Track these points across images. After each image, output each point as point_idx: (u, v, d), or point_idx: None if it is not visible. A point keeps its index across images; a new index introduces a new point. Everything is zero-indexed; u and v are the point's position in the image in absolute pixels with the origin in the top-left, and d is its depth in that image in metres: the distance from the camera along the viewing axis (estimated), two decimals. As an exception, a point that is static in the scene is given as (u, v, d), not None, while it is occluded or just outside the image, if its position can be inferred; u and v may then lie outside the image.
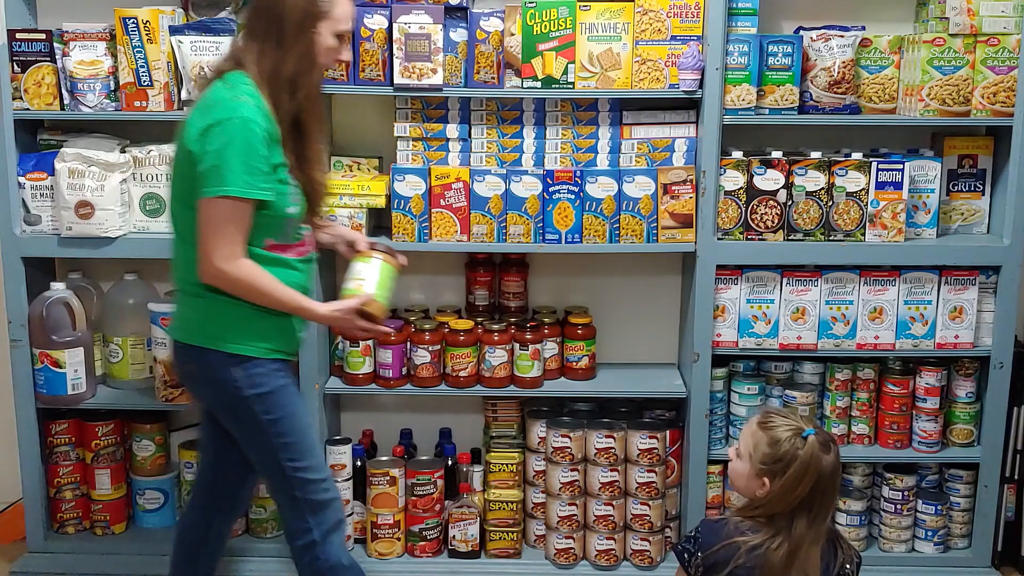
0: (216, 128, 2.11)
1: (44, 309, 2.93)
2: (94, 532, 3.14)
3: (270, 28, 2.19)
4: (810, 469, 2.05)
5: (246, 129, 2.11)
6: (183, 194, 2.22)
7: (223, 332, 2.24)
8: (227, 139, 2.10)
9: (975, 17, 2.80)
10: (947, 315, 2.93)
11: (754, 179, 2.86)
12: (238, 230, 2.15)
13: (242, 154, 2.10)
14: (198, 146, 2.13)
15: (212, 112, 2.14)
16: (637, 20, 2.82)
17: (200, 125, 2.14)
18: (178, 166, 2.24)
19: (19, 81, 2.87)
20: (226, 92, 2.16)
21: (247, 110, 2.13)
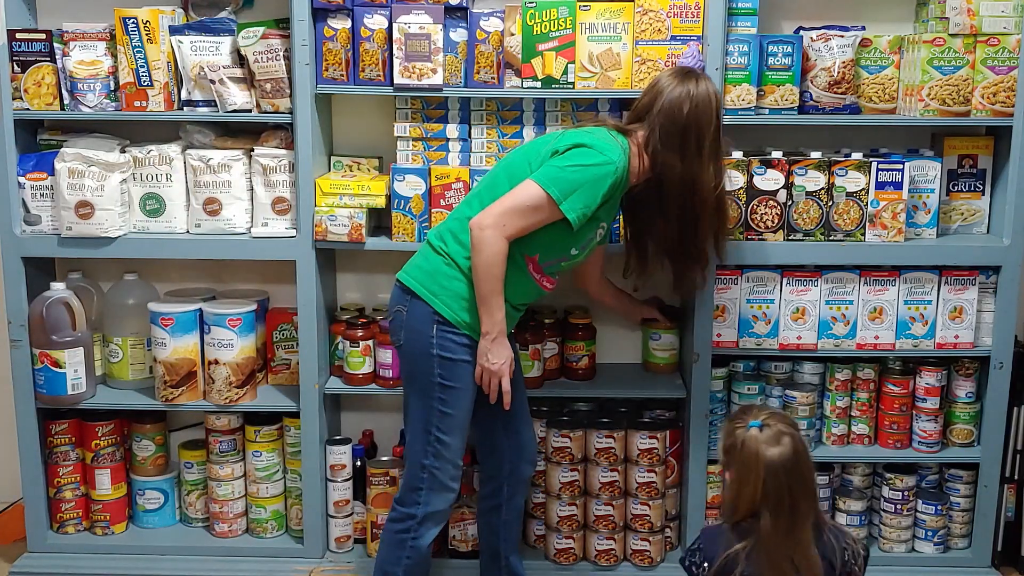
0: (588, 150, 2.35)
1: (44, 309, 2.93)
2: (94, 532, 3.14)
3: (687, 140, 2.43)
4: (753, 461, 2.05)
5: (606, 171, 2.35)
6: (516, 173, 2.41)
7: (441, 292, 2.43)
8: (588, 163, 2.33)
9: (975, 17, 2.80)
10: (947, 315, 2.93)
11: (754, 179, 2.86)
12: (527, 220, 2.34)
13: (587, 181, 2.33)
14: (565, 147, 2.36)
15: (596, 140, 2.38)
16: (637, 20, 2.82)
17: (579, 139, 2.38)
18: (530, 153, 2.44)
19: (19, 81, 2.87)
20: (615, 142, 2.40)
21: (621, 162, 2.38)
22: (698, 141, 2.42)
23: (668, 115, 2.42)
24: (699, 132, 2.42)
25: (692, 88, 2.43)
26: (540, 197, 2.33)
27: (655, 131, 2.43)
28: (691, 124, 2.42)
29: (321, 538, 3.06)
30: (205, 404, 3.02)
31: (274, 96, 2.86)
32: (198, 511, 3.19)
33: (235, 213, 2.94)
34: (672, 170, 2.43)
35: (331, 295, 3.16)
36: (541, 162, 2.39)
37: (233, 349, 2.96)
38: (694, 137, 2.42)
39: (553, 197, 2.32)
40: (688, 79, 2.45)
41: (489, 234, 2.32)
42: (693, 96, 2.42)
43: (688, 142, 2.42)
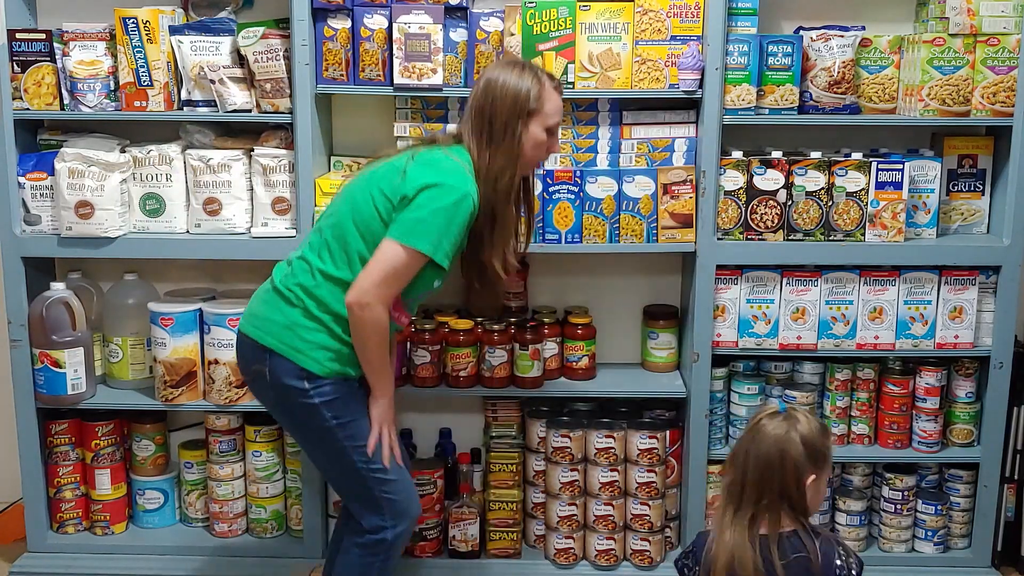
0: (439, 190, 2.21)
1: (44, 309, 2.93)
2: (94, 532, 3.14)
3: (483, 125, 2.31)
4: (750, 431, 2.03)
5: (463, 205, 2.23)
6: (365, 220, 2.27)
7: (304, 346, 2.30)
8: (444, 204, 2.21)
9: (975, 17, 2.80)
10: (947, 315, 2.93)
11: (754, 179, 2.86)
12: (402, 281, 2.25)
13: (448, 222, 2.21)
14: (414, 194, 2.21)
15: (443, 175, 2.24)
16: (637, 20, 2.82)
17: (426, 180, 2.23)
18: (375, 195, 2.28)
19: (19, 81, 2.87)
20: (459, 166, 2.28)
21: (472, 189, 2.25)
22: (490, 126, 2.30)
23: (471, 97, 2.35)
24: (491, 115, 2.30)
25: (500, 74, 2.32)
26: (410, 255, 2.21)
27: (468, 124, 2.34)
28: (484, 106, 2.30)
29: (321, 538, 3.06)
30: (205, 404, 3.02)
31: (274, 96, 2.86)
32: (198, 511, 3.19)
33: (235, 213, 2.94)
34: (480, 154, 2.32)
35: (331, 295, 3.16)
36: (389, 209, 2.25)
37: (233, 349, 2.96)
38: (487, 121, 2.30)
39: (423, 251, 2.21)
40: (504, 66, 2.34)
41: (371, 312, 2.22)
42: (493, 79, 2.31)
43: (482, 126, 2.31)
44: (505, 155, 2.31)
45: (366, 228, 2.27)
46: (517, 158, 2.33)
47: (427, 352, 2.97)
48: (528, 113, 2.31)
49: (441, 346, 3.00)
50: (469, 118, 2.34)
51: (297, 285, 2.32)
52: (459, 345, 2.97)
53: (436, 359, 2.99)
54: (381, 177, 2.30)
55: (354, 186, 2.36)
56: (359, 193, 2.31)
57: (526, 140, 2.33)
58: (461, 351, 2.97)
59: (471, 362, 2.98)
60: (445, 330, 3.00)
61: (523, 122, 2.31)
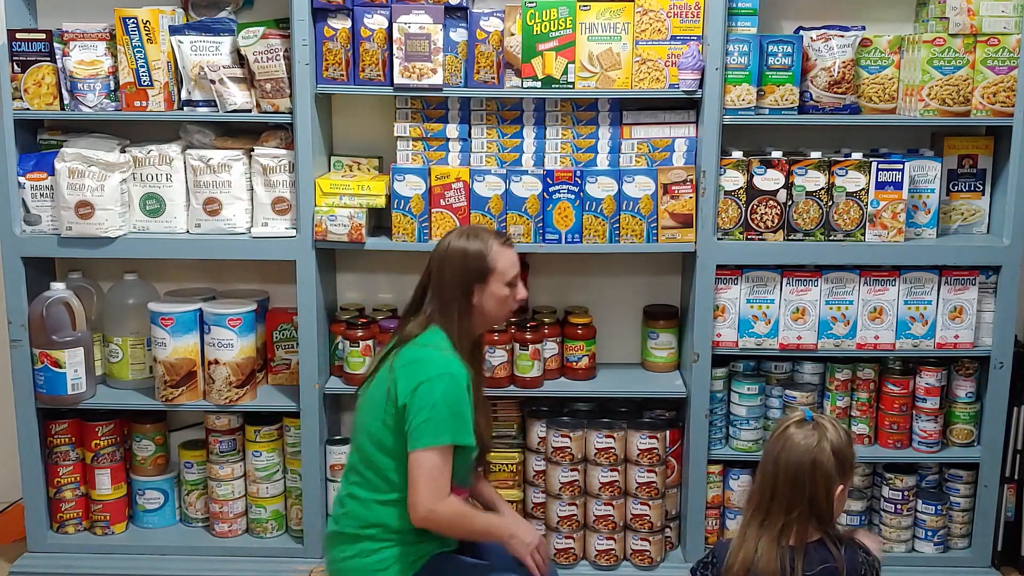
0: (427, 385, 2.23)
1: (44, 309, 2.93)
2: (94, 532, 3.14)
3: (443, 295, 2.35)
4: (775, 433, 2.03)
5: (455, 384, 2.25)
6: (385, 445, 2.30)
7: (383, 567, 2.32)
8: (438, 396, 2.23)
9: (975, 17, 2.80)
10: (947, 315, 2.93)
11: (754, 179, 2.86)
12: (445, 474, 2.26)
13: (452, 404, 2.24)
14: (409, 400, 2.24)
15: (423, 369, 2.26)
16: (637, 20, 2.82)
17: (412, 382, 2.25)
18: (380, 414, 2.31)
19: (19, 81, 2.87)
20: (433, 352, 2.30)
21: (455, 366, 2.27)
22: (449, 294, 2.34)
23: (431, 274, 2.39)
24: (452, 286, 2.34)
25: (449, 244, 2.36)
26: (438, 453, 2.23)
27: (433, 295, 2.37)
28: (443, 278, 2.35)
29: (321, 538, 3.05)
30: (205, 404, 3.02)
31: (274, 96, 2.86)
32: (198, 511, 3.19)
33: (235, 213, 2.94)
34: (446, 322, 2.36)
35: (331, 295, 3.16)
36: (400, 424, 2.26)
37: (233, 349, 2.96)
38: (447, 291, 2.35)
39: (448, 443, 2.23)
40: (453, 236, 2.39)
41: (440, 515, 2.25)
42: (442, 250, 2.36)
43: (443, 297, 2.35)
44: (466, 319, 2.35)
45: (391, 450, 2.31)
46: (478, 319, 2.38)
47: (427, 352, 2.96)
48: (482, 276, 2.34)
49: (441, 346, 2.99)
50: (434, 295, 2.37)
51: (358, 520, 2.35)
52: (459, 345, 2.97)
53: (436, 359, 2.99)
54: (378, 400, 2.32)
55: (362, 416, 2.39)
56: (370, 422, 2.34)
57: (487, 300, 2.36)
58: (461, 351, 2.97)
59: None
60: (445, 330, 3.00)
61: (481, 285, 2.34)
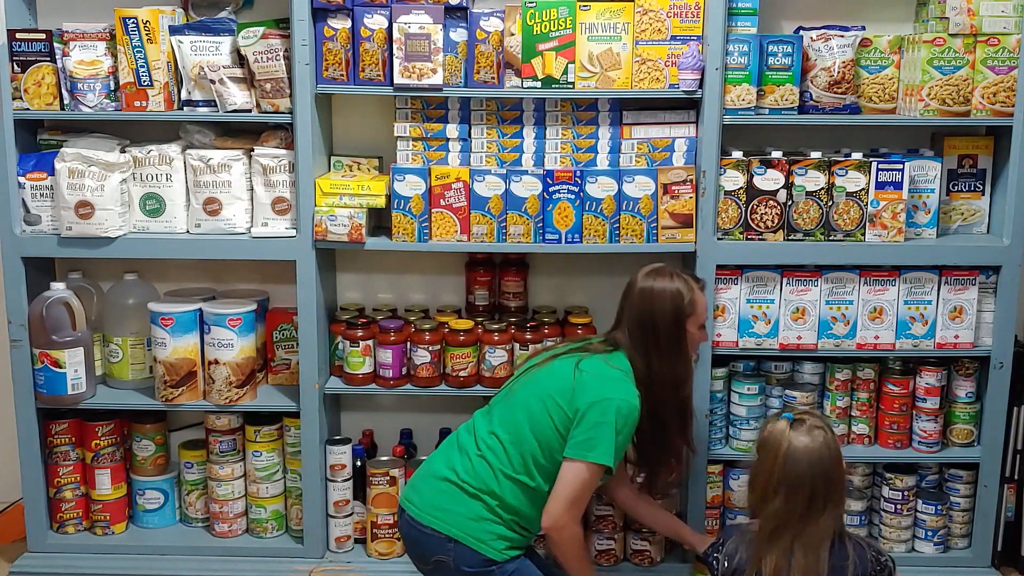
0: (606, 404, 2.34)
1: (44, 309, 2.93)
2: (94, 532, 3.14)
3: (646, 334, 2.45)
4: (776, 446, 2.07)
5: (630, 416, 2.36)
6: (543, 431, 2.40)
7: (488, 537, 2.42)
8: (612, 418, 2.33)
9: (975, 17, 2.80)
10: (947, 315, 2.93)
11: (754, 179, 2.86)
12: (589, 494, 2.42)
13: (618, 434, 2.34)
14: (585, 409, 2.35)
15: (610, 389, 2.37)
16: (637, 20, 2.82)
17: (596, 395, 2.36)
18: (550, 408, 2.40)
19: (19, 81, 2.87)
20: (623, 376, 2.41)
21: (635, 399, 2.38)
22: (655, 334, 2.45)
23: (632, 309, 2.49)
24: (654, 324, 2.45)
25: (654, 283, 2.47)
26: (592, 471, 2.35)
27: (630, 334, 2.48)
28: (647, 317, 2.45)
29: (321, 538, 3.06)
30: (205, 404, 3.02)
31: (274, 96, 2.86)
32: (198, 511, 3.19)
33: (235, 213, 2.94)
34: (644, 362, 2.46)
35: (331, 295, 3.16)
36: (566, 422, 2.38)
37: (233, 349, 2.96)
38: (651, 330, 2.45)
39: (604, 464, 2.34)
40: (655, 275, 2.49)
41: (568, 532, 2.39)
42: (652, 289, 2.46)
43: (647, 336, 2.45)
44: (673, 360, 2.46)
45: (543, 438, 2.41)
46: (687, 359, 2.51)
47: (427, 352, 2.96)
48: (687, 315, 2.45)
49: (441, 346, 3.00)
50: (627, 327, 2.48)
51: (482, 483, 2.43)
52: (459, 345, 2.97)
53: (436, 359, 2.99)
54: (552, 389, 2.42)
55: (527, 394, 2.47)
56: (534, 403, 2.43)
57: (689, 342, 2.49)
58: (461, 351, 2.97)
59: (471, 362, 2.98)
60: (445, 330, 3.00)
61: (685, 324, 2.46)
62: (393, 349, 2.96)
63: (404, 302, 3.25)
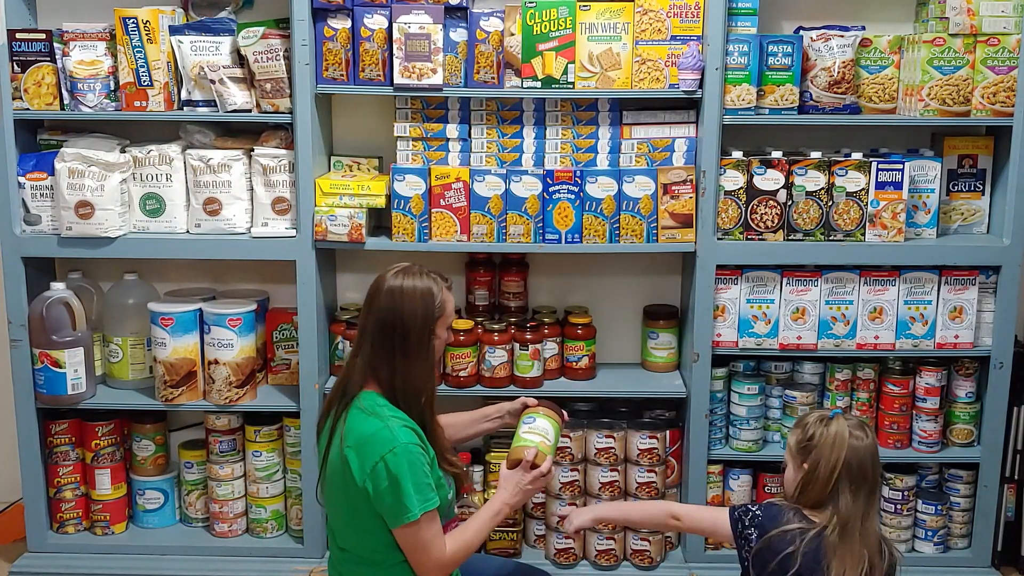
0: (381, 464, 2.14)
1: (44, 309, 2.93)
2: (94, 532, 3.14)
3: (395, 343, 2.22)
4: (838, 441, 2.08)
5: (409, 454, 2.15)
6: (358, 523, 2.23)
7: None
8: (396, 472, 2.14)
9: (975, 17, 2.80)
10: (947, 315, 2.93)
11: (754, 179, 2.86)
12: (436, 531, 2.21)
13: (412, 478, 2.15)
14: (371, 485, 2.15)
15: (373, 448, 2.16)
16: (637, 20, 2.82)
17: (366, 464, 2.16)
18: (344, 499, 2.22)
19: (19, 81, 2.87)
20: (375, 421, 2.18)
21: (403, 434, 2.17)
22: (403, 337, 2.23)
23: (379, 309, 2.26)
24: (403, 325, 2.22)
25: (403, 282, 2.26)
26: (423, 520, 2.17)
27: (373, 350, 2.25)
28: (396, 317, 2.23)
29: (321, 538, 3.05)
30: (205, 404, 3.02)
31: (274, 96, 2.86)
32: (198, 511, 3.19)
33: (235, 213, 2.94)
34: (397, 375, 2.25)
35: (331, 295, 3.16)
36: (361, 497, 2.17)
37: (233, 349, 2.96)
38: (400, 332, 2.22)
39: (428, 510, 2.16)
40: (403, 274, 2.28)
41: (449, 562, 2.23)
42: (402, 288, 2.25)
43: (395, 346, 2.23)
44: (423, 366, 2.25)
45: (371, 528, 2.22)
46: (434, 364, 2.29)
47: (427, 352, 2.96)
48: (436, 318, 2.25)
49: (441, 346, 2.99)
50: (371, 330, 2.24)
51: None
52: (459, 345, 2.97)
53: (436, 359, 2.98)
54: (339, 489, 2.23)
55: (331, 507, 2.31)
56: (343, 511, 2.25)
57: (437, 346, 2.29)
58: (461, 351, 2.97)
59: (471, 362, 2.98)
60: (445, 330, 3.00)
61: (434, 328, 2.25)
62: (393, 349, 2.96)
63: (404, 302, 3.25)
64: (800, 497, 2.14)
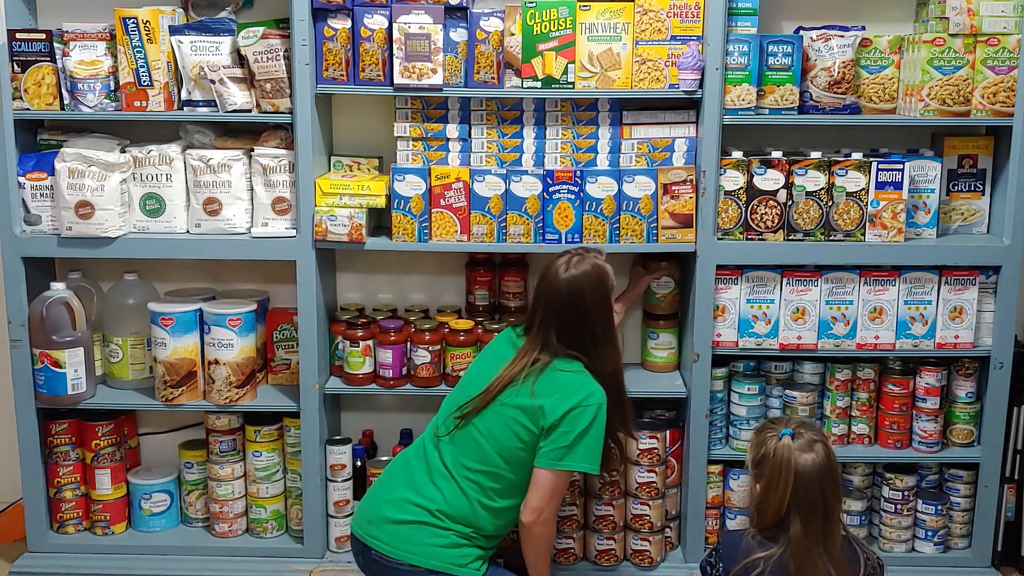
0: (578, 411, 2.34)
1: (44, 309, 2.93)
2: (94, 532, 3.14)
3: (579, 325, 2.41)
4: (784, 468, 2.07)
5: (600, 416, 2.37)
6: (514, 455, 2.40)
7: (464, 560, 2.42)
8: (588, 422, 2.34)
9: (975, 17, 2.80)
10: (947, 315, 2.93)
11: (754, 179, 2.86)
12: (563, 493, 2.45)
13: (595, 437, 2.36)
14: (558, 422, 2.33)
15: (576, 394, 2.36)
16: (637, 20, 2.82)
17: (564, 405, 2.35)
18: (518, 432, 2.39)
19: (19, 81, 2.87)
20: (583, 378, 2.39)
21: (602, 397, 2.38)
22: (588, 323, 2.43)
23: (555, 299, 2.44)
24: (584, 312, 2.42)
25: (575, 271, 2.43)
26: (568, 476, 2.39)
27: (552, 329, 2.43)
28: (575, 307, 2.42)
29: (321, 538, 3.06)
30: (205, 404, 3.02)
31: (274, 96, 2.86)
32: (198, 511, 3.19)
33: (235, 213, 2.94)
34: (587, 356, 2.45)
35: (331, 295, 3.16)
36: (535, 439, 2.37)
37: (233, 349, 2.96)
38: (584, 320, 2.42)
39: (583, 471, 2.38)
40: (567, 264, 2.44)
41: (547, 527, 2.41)
42: (576, 277, 2.42)
43: (581, 327, 2.43)
44: (612, 349, 2.46)
45: (516, 461, 2.41)
46: (618, 343, 2.50)
47: (427, 352, 2.96)
48: (612, 296, 2.47)
49: (441, 346, 2.99)
50: (553, 324, 2.42)
51: (458, 513, 2.43)
52: (459, 345, 2.97)
53: (436, 359, 2.99)
54: (515, 411, 2.39)
55: (488, 423, 2.43)
56: (499, 431, 2.41)
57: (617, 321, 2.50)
58: (461, 351, 2.97)
59: (471, 362, 2.98)
60: (445, 330, 3.00)
61: (610, 306, 2.44)
62: (393, 349, 2.96)
63: (404, 302, 3.25)
64: (757, 519, 2.15)
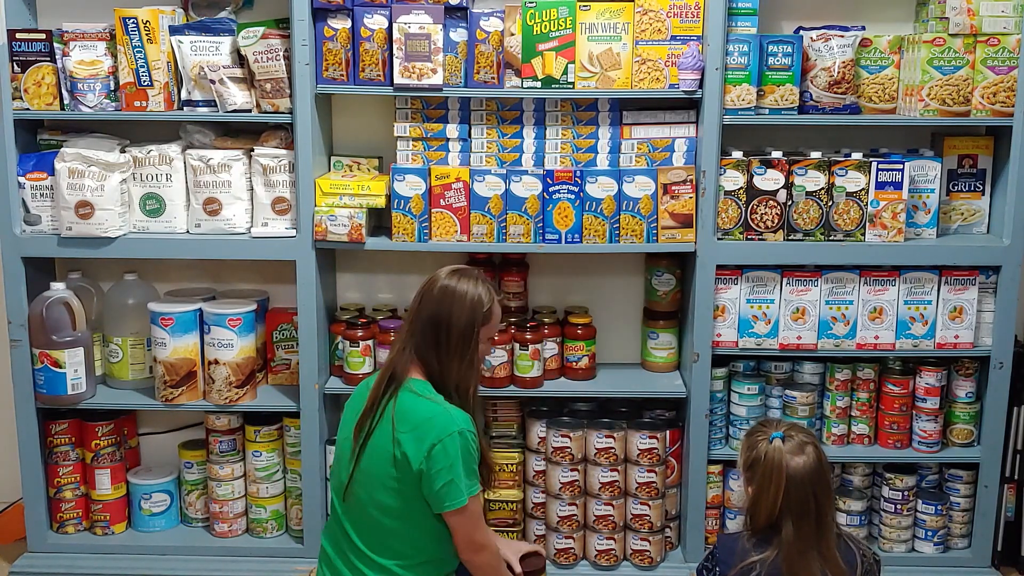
0: (439, 446, 2.22)
1: (44, 309, 2.93)
2: (94, 532, 3.14)
3: (439, 338, 2.31)
4: (775, 471, 2.07)
5: (465, 440, 2.25)
6: (400, 509, 2.28)
7: None
8: (453, 454, 2.23)
9: (975, 17, 2.80)
10: (947, 315, 2.93)
11: (754, 179, 2.86)
12: (480, 514, 2.34)
13: (466, 463, 2.25)
14: (427, 467, 2.23)
15: (431, 430, 2.23)
16: (637, 20, 2.82)
17: (423, 446, 2.23)
18: (390, 480, 2.27)
19: (19, 81, 2.87)
20: (433, 405, 2.27)
21: (461, 420, 2.27)
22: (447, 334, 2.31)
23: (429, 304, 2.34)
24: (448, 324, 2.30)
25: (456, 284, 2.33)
26: (469, 507, 2.26)
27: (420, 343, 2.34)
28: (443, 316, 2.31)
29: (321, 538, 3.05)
30: (205, 404, 3.02)
31: (274, 96, 2.86)
32: (198, 511, 3.19)
33: (235, 213, 2.94)
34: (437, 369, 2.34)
35: (331, 295, 3.16)
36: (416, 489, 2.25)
37: (233, 349, 2.96)
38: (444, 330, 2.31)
39: (472, 495, 2.26)
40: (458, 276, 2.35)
41: (487, 553, 2.33)
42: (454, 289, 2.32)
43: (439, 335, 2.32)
44: (463, 365, 2.32)
45: (412, 517, 2.29)
46: (474, 366, 2.35)
47: (427, 352, 2.96)
48: (481, 322, 2.33)
49: (441, 346, 2.99)
50: (420, 323, 2.33)
51: None
52: (459, 345, 2.96)
53: (436, 359, 2.98)
54: (386, 468, 2.27)
55: (370, 489, 2.31)
56: (383, 495, 2.29)
57: (479, 351, 2.36)
58: (461, 351, 2.96)
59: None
60: (445, 330, 3.00)
61: (478, 332, 2.32)
62: (393, 349, 2.96)
63: (404, 302, 3.25)
64: (750, 522, 2.15)
